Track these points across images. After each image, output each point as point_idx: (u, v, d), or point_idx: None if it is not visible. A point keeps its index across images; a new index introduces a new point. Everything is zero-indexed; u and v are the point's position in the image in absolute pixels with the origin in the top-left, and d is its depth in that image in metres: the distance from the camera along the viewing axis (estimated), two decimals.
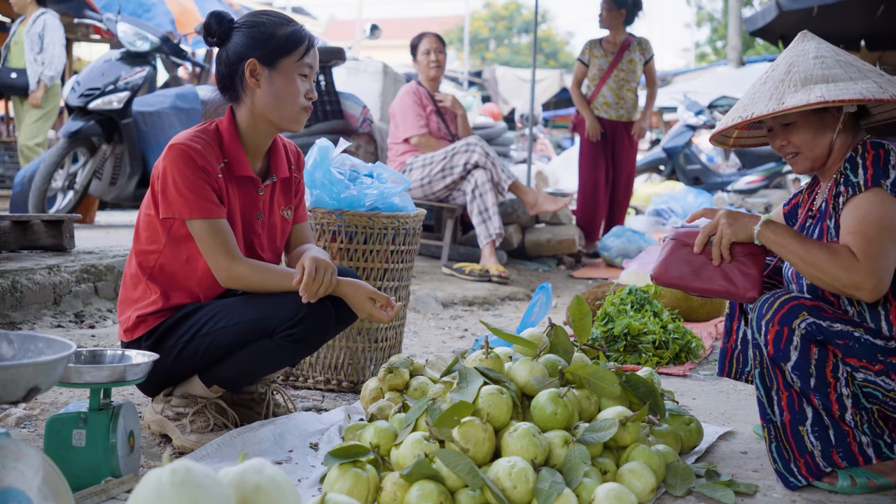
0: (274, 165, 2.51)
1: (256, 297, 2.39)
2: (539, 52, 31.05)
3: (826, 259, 2.05)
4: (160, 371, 2.34)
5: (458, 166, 5.77)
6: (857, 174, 2.11)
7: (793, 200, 2.47)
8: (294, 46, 2.38)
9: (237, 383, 2.45)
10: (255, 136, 2.43)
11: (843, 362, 2.06)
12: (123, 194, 6.38)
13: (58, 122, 9.00)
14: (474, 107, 11.00)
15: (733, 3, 17.50)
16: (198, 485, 1.16)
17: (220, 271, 2.33)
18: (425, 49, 6.13)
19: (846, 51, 2.27)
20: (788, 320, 2.06)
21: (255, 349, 2.34)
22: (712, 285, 2.26)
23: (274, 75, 2.37)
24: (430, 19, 32.82)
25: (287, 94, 2.38)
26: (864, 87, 2.09)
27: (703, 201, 8.85)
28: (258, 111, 2.39)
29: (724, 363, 2.51)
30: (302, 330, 2.31)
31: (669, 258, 2.32)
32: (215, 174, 2.34)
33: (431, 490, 1.85)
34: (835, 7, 7.54)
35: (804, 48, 2.24)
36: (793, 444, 2.12)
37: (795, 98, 2.12)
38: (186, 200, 2.29)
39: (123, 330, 2.42)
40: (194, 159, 2.30)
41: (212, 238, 2.31)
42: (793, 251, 2.11)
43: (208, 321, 2.34)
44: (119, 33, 6.27)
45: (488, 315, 4.95)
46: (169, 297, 2.39)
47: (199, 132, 2.37)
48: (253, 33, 2.37)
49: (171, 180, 2.30)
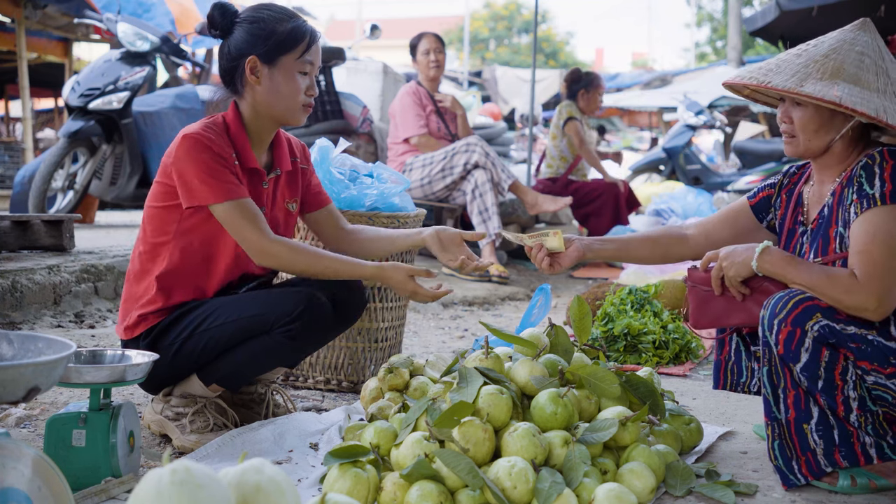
0: (277, 159, 2.53)
1: (255, 294, 2.40)
2: (539, 52, 31.07)
3: (825, 284, 2.04)
4: (159, 369, 2.34)
5: (458, 166, 5.77)
6: (874, 185, 2.08)
7: (761, 193, 2.44)
8: (294, 44, 2.38)
9: (236, 381, 2.44)
10: (258, 129, 2.45)
11: (854, 365, 2.05)
12: (123, 194, 6.38)
13: (58, 122, 8.99)
14: (474, 107, 10.98)
15: (733, 3, 17.48)
16: (198, 485, 1.16)
17: (254, 249, 2.33)
18: (425, 49, 6.13)
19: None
20: (802, 322, 2.04)
21: (253, 345, 2.34)
22: (749, 317, 2.27)
23: (274, 72, 2.38)
24: (430, 19, 32.82)
25: (287, 92, 2.39)
26: (884, 106, 2.05)
27: (703, 201, 8.84)
28: (259, 107, 2.41)
29: (718, 375, 2.50)
30: (300, 326, 2.31)
31: (697, 307, 2.35)
32: (232, 161, 2.35)
33: (431, 490, 1.85)
34: (835, 7, 7.53)
35: (855, 38, 2.17)
36: (796, 441, 2.12)
37: (816, 87, 2.08)
38: (209, 186, 2.29)
39: (123, 328, 2.42)
40: (210, 146, 2.31)
41: (240, 218, 2.31)
42: (792, 279, 2.12)
43: (206, 318, 2.34)
44: (119, 33, 6.27)
45: (488, 315, 4.95)
46: (171, 295, 2.39)
47: (209, 124, 2.38)
48: (254, 29, 2.37)
49: (189, 169, 2.29)
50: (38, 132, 13.84)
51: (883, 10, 7.21)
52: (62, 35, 10.38)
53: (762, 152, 10.89)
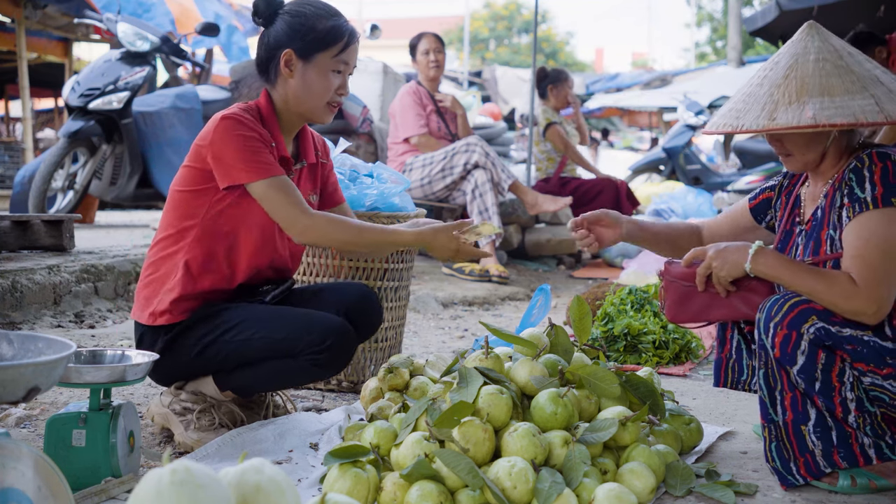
0: (304, 150, 2.55)
1: (286, 312, 2.37)
2: (539, 52, 31.03)
3: (823, 289, 2.03)
4: (176, 366, 2.34)
5: (458, 166, 5.77)
6: (864, 188, 2.07)
7: (761, 196, 2.45)
8: (333, 42, 2.40)
9: (251, 392, 2.46)
10: (288, 120, 2.47)
11: (850, 367, 2.05)
12: (123, 194, 6.38)
13: (58, 122, 9.00)
14: (474, 107, 10.97)
15: (733, 3, 17.47)
16: (198, 485, 1.16)
17: (295, 225, 2.32)
18: (424, 49, 6.14)
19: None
20: (797, 324, 2.04)
21: (278, 366, 2.34)
22: (731, 312, 2.27)
23: (308, 68, 2.40)
24: (430, 19, 32.79)
25: (318, 89, 2.41)
26: (860, 106, 2.03)
27: (703, 201, 8.84)
28: (290, 99, 2.43)
29: (719, 374, 2.50)
30: (327, 356, 2.30)
31: (676, 301, 2.33)
32: (269, 142, 2.36)
33: (431, 490, 1.85)
34: (835, 7, 7.53)
35: (806, 46, 2.16)
36: (794, 443, 2.12)
37: (787, 115, 2.06)
38: (248, 164, 2.29)
39: (148, 313, 2.37)
40: (248, 125, 2.32)
41: (279, 194, 2.30)
42: (787, 282, 2.11)
43: (233, 327, 2.33)
44: (119, 33, 6.27)
45: (488, 315, 4.95)
46: (197, 280, 2.36)
47: (245, 108, 2.39)
48: (294, 23, 2.39)
49: (228, 149, 2.29)
50: (38, 132, 13.84)
51: (883, 10, 7.21)
52: (62, 35, 10.38)
53: (762, 152, 10.88)
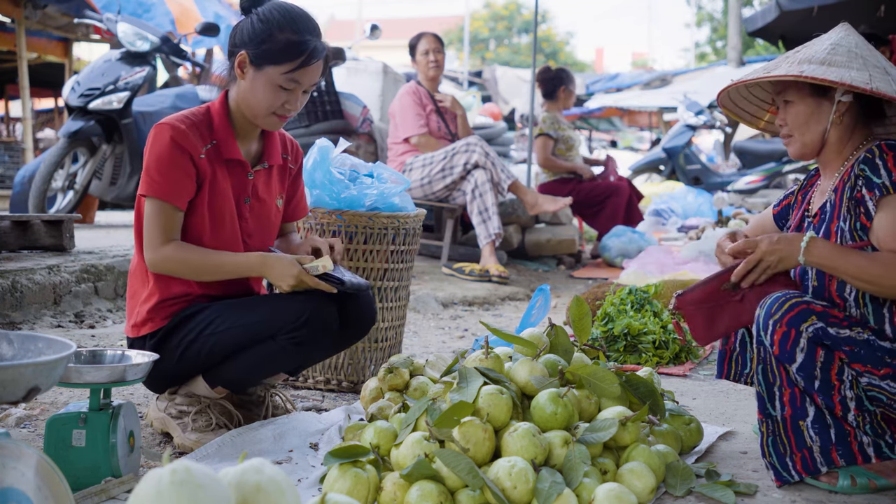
0: (267, 152, 2.51)
1: (261, 299, 2.40)
2: (539, 52, 31.05)
3: (882, 272, 2.04)
4: (164, 370, 2.34)
5: (458, 166, 5.77)
6: (880, 175, 2.10)
7: (784, 201, 2.47)
8: (285, 59, 2.32)
9: (241, 385, 2.46)
10: (243, 120, 2.44)
11: (848, 366, 2.06)
12: (123, 194, 6.38)
13: (58, 122, 9.00)
14: (474, 107, 10.98)
15: (733, 3, 17.47)
16: (198, 485, 1.16)
17: (149, 252, 2.32)
18: (424, 49, 6.14)
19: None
20: (797, 323, 2.05)
21: (259, 351, 2.34)
22: (740, 320, 2.27)
23: (258, 76, 2.34)
24: (430, 19, 32.81)
25: (262, 99, 2.35)
26: (851, 75, 2.08)
27: (703, 201, 8.84)
28: (239, 101, 2.40)
29: (722, 365, 2.50)
30: (306, 333, 2.31)
31: (704, 326, 2.30)
32: (197, 155, 2.34)
33: (431, 490, 1.85)
34: (835, 7, 7.53)
35: (828, 36, 2.24)
36: (792, 438, 2.12)
37: (781, 70, 2.16)
38: (151, 179, 2.31)
39: (131, 325, 2.44)
40: (173, 138, 2.31)
41: (155, 218, 2.31)
42: (844, 270, 2.10)
43: (211, 322, 2.35)
44: (119, 33, 6.27)
45: (488, 315, 4.95)
46: (168, 285, 2.39)
47: (188, 114, 2.38)
48: (258, 27, 2.34)
49: (147, 158, 2.33)
50: (38, 132, 13.84)
51: (883, 10, 7.22)
52: (62, 35, 10.38)
53: (762, 152, 10.89)
